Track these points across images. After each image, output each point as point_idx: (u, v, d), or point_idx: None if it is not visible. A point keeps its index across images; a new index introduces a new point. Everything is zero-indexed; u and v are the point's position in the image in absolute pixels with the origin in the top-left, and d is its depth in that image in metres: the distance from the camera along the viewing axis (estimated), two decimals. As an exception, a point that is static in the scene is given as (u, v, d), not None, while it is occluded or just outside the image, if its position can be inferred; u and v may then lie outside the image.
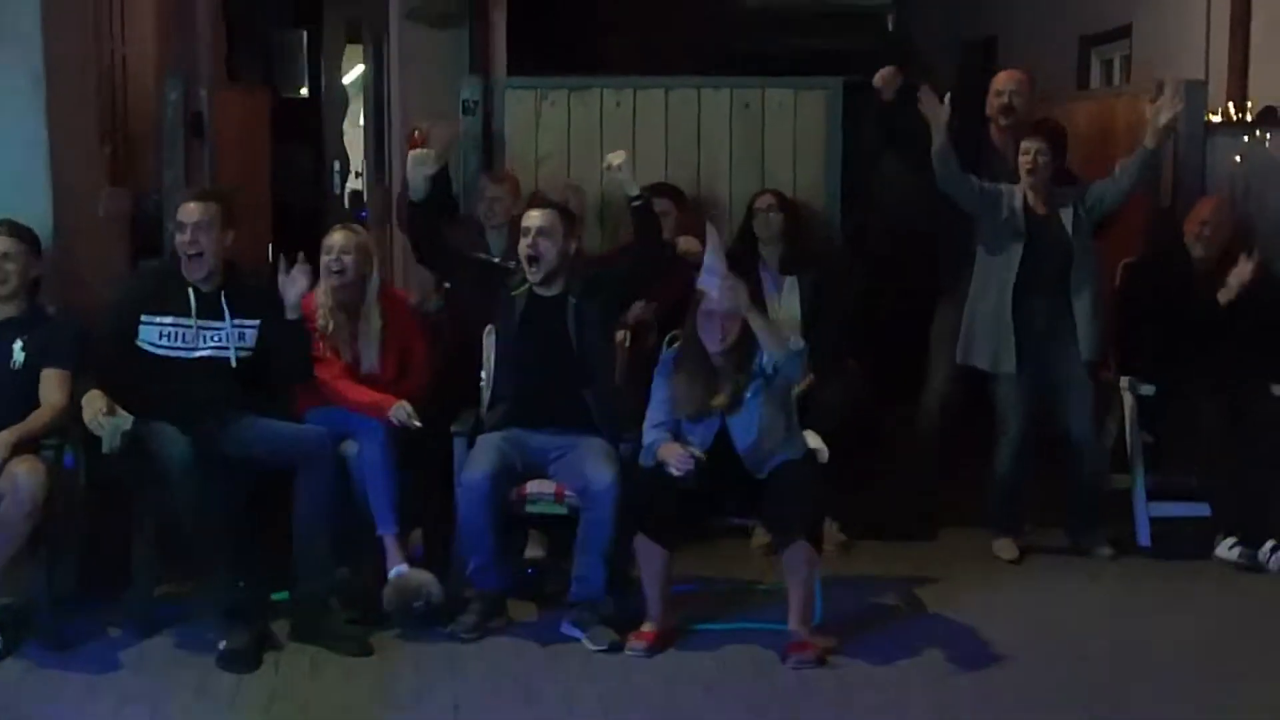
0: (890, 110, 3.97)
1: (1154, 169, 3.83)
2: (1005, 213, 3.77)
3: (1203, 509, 3.97)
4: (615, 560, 3.10)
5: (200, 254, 3.16)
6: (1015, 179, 3.86)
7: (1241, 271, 3.90)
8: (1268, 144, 4.57)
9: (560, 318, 3.27)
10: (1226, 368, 3.99)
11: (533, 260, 3.20)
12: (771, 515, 3.04)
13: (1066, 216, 3.80)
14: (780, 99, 4.48)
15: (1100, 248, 4.01)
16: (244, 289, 3.29)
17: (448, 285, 3.93)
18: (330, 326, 3.28)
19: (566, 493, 3.16)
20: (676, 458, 2.93)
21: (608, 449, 3.16)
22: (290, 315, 3.21)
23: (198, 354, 3.18)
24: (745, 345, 3.03)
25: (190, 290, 3.18)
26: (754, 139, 4.48)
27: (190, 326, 3.17)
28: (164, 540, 3.15)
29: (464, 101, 4.39)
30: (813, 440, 3.31)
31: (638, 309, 3.81)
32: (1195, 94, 4.57)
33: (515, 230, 3.87)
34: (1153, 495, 4.07)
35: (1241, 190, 4.57)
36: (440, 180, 3.75)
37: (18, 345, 3.07)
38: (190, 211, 3.19)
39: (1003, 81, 4.12)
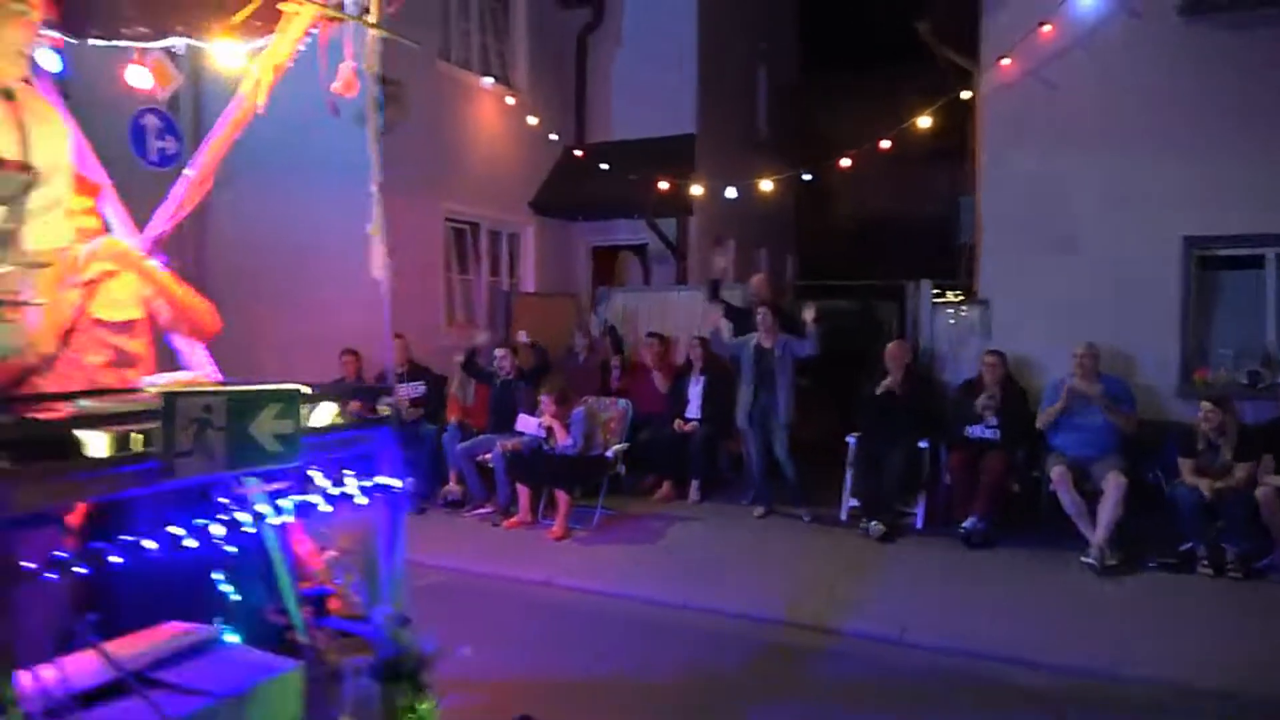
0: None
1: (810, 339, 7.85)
2: (749, 349, 8.07)
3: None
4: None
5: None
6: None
7: (890, 380, 7.67)
8: (964, 313, 8.10)
9: (513, 392, 8.50)
10: (883, 431, 7.70)
11: (511, 361, 8.55)
12: (556, 481, 7.81)
13: (779, 349, 7.95)
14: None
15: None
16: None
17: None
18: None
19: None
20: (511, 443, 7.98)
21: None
22: None
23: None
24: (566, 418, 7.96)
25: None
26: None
27: None
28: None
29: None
30: (614, 449, 8.08)
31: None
32: (926, 288, 8.29)
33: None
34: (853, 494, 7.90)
35: (953, 338, 8.13)
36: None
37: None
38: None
39: (756, 284, 8.54)
